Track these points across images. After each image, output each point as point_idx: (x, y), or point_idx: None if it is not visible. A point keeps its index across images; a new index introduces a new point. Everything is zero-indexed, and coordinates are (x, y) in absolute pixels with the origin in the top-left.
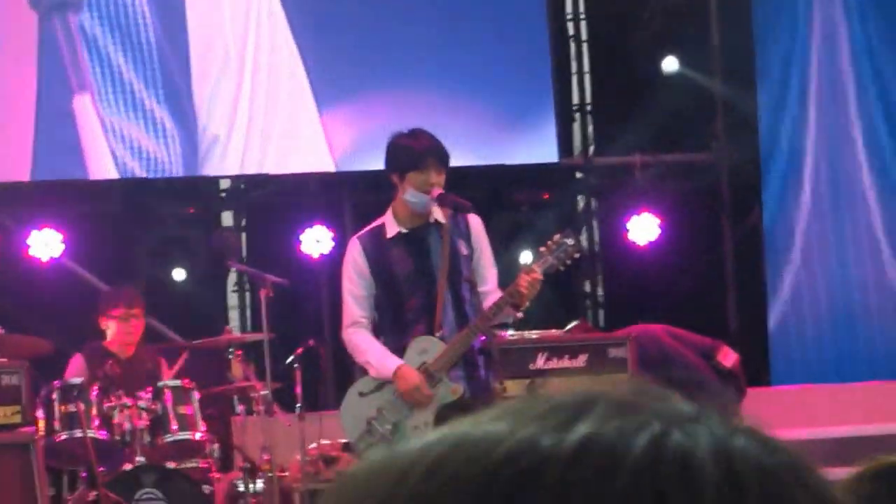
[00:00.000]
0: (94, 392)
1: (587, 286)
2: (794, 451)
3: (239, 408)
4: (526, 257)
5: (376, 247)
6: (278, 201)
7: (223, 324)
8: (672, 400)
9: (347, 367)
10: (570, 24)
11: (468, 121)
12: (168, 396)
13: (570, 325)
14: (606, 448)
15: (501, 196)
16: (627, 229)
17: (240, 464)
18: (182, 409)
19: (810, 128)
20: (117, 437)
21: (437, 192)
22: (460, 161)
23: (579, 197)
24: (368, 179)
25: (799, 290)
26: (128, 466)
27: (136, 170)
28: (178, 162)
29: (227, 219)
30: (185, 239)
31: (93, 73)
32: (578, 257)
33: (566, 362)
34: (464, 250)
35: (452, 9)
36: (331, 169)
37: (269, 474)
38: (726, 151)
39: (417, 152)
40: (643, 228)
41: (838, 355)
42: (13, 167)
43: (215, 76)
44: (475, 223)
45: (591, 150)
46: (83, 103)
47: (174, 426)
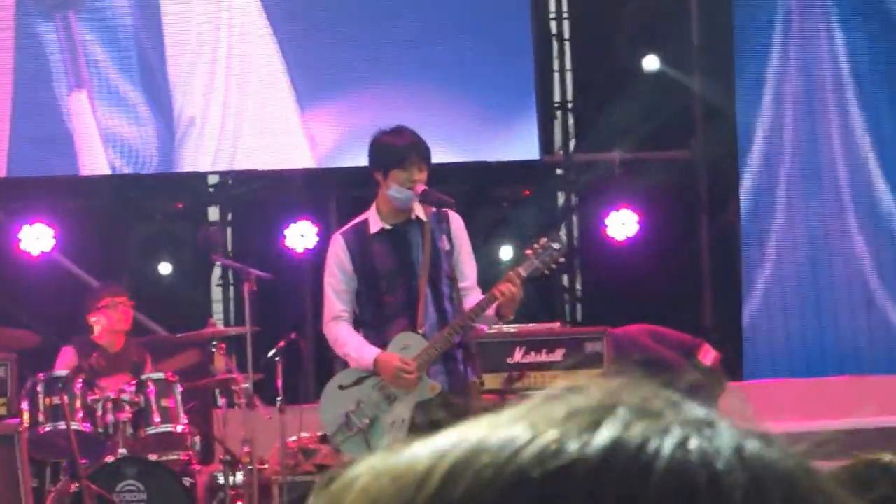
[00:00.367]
0: (79, 385)
1: (565, 281)
2: (803, 455)
3: (221, 400)
4: (507, 253)
5: (359, 242)
6: (264, 196)
7: (207, 317)
8: (685, 404)
9: (328, 360)
10: (552, 23)
11: (450, 118)
12: (151, 389)
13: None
14: (634, 452)
15: (483, 192)
16: (606, 225)
17: (220, 456)
18: (165, 402)
19: (787, 126)
20: (100, 430)
21: (421, 188)
22: (442, 158)
23: (559, 193)
24: (353, 175)
25: (773, 286)
26: (110, 458)
27: (124, 168)
28: (155, 155)
29: (213, 214)
30: (172, 234)
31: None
32: (563, 261)
33: (543, 356)
34: (445, 246)
35: (435, 6)
36: (311, 166)
37: (250, 466)
38: (704, 149)
39: (400, 149)
40: (622, 224)
41: (810, 350)
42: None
43: (190, 70)
44: (456, 221)
45: (572, 146)
46: (79, 100)
47: (157, 419)
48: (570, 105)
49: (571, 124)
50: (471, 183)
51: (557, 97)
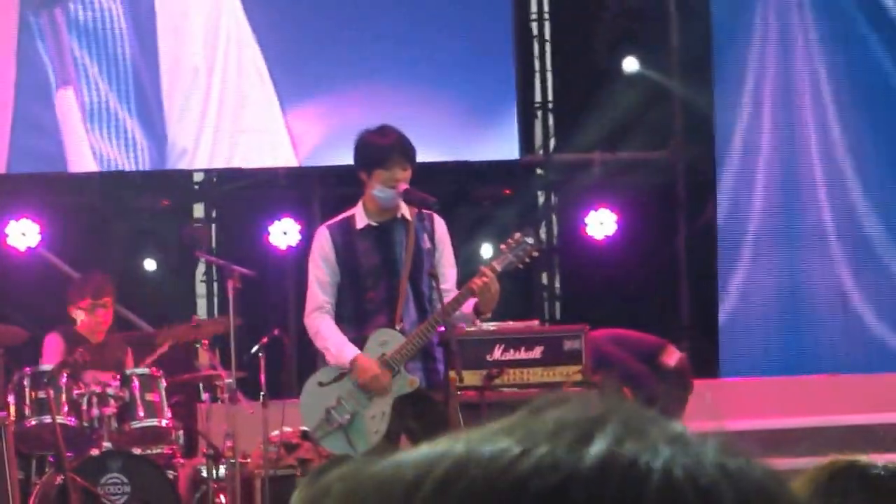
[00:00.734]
0: (64, 379)
1: (545, 279)
2: (777, 470)
3: (204, 395)
4: (487, 251)
5: (344, 237)
6: (248, 194)
7: (191, 313)
8: (664, 420)
9: (310, 356)
10: (533, 24)
11: (431, 117)
12: (136, 384)
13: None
14: (627, 468)
15: (463, 192)
16: (585, 224)
17: (204, 450)
18: (149, 397)
19: (764, 127)
20: (85, 424)
21: (404, 187)
22: (424, 157)
23: (539, 193)
24: (336, 174)
25: (749, 286)
26: (95, 452)
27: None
28: (146, 153)
29: (198, 211)
30: (157, 230)
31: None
32: (537, 256)
33: (522, 354)
34: (427, 244)
35: (417, 6)
36: (294, 165)
37: (232, 460)
38: (683, 150)
39: (382, 149)
40: (600, 223)
41: (786, 349)
42: None
43: (180, 74)
44: (439, 223)
45: (552, 146)
46: (65, 97)
47: (141, 413)
48: (551, 106)
49: (552, 125)
50: (451, 182)
51: (538, 98)
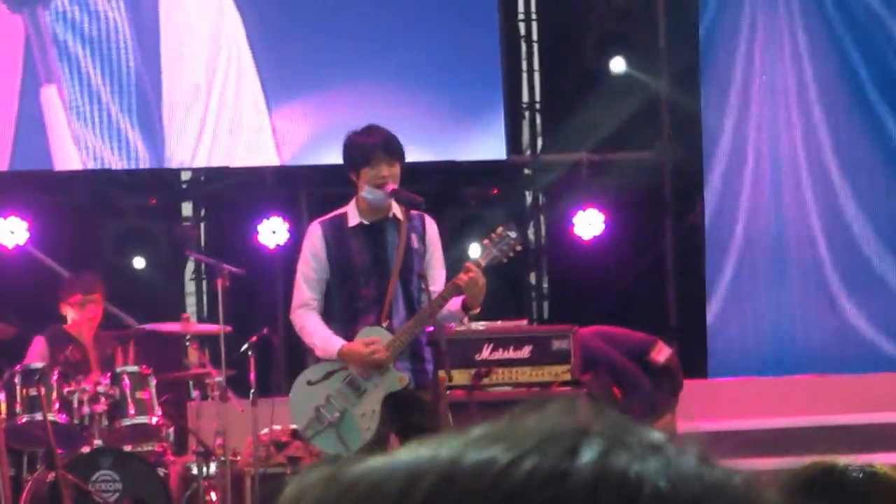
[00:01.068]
0: (55, 376)
1: (532, 279)
2: (754, 477)
3: (194, 393)
4: (475, 251)
5: (336, 234)
6: (236, 193)
7: (181, 311)
8: (642, 428)
9: (299, 355)
10: (521, 25)
11: (419, 117)
12: (126, 382)
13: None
14: (620, 479)
15: (451, 192)
16: (573, 224)
17: (194, 447)
18: (140, 395)
19: (751, 128)
20: (76, 421)
21: (391, 187)
22: (411, 157)
23: (527, 193)
24: (324, 173)
25: (737, 286)
26: (86, 449)
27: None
28: (142, 150)
29: (186, 209)
30: (146, 229)
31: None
32: (521, 249)
33: (511, 353)
34: (416, 244)
35: (404, 7)
36: (274, 161)
37: (223, 458)
38: (670, 150)
39: (367, 148)
40: (588, 224)
41: (773, 349)
42: None
43: (179, 73)
44: (430, 224)
45: (539, 147)
46: (49, 95)
47: (132, 411)
48: (538, 106)
49: (539, 125)
50: (439, 182)
51: (525, 98)
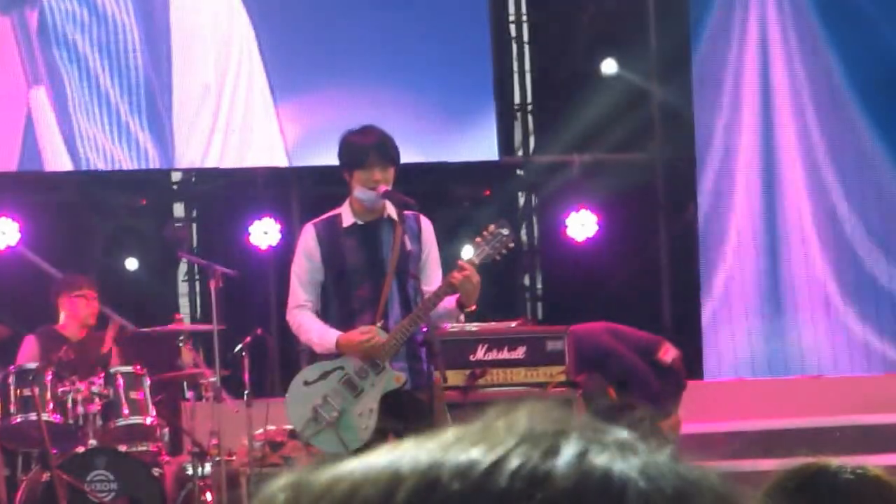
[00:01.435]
0: (49, 377)
1: (526, 280)
2: (728, 476)
3: (188, 394)
4: (468, 252)
5: (330, 235)
6: (227, 194)
7: (174, 312)
8: (614, 428)
9: (293, 355)
10: (511, 26)
11: (411, 118)
12: (120, 382)
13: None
14: (603, 479)
15: (443, 192)
16: (566, 225)
17: (189, 448)
18: (133, 395)
19: (744, 128)
20: (70, 421)
21: (384, 188)
22: (402, 157)
23: (519, 194)
24: (315, 174)
25: (731, 286)
26: (80, 449)
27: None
28: (151, 151)
29: (178, 210)
30: (137, 230)
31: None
32: (513, 247)
33: (505, 354)
34: (409, 246)
35: (394, 8)
36: (283, 163)
37: (218, 458)
38: (662, 151)
39: (361, 150)
40: (581, 225)
41: (768, 350)
42: None
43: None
44: (426, 225)
45: (532, 148)
46: (38, 97)
47: (126, 411)
48: (530, 107)
49: (531, 126)
50: (431, 183)
51: (517, 99)
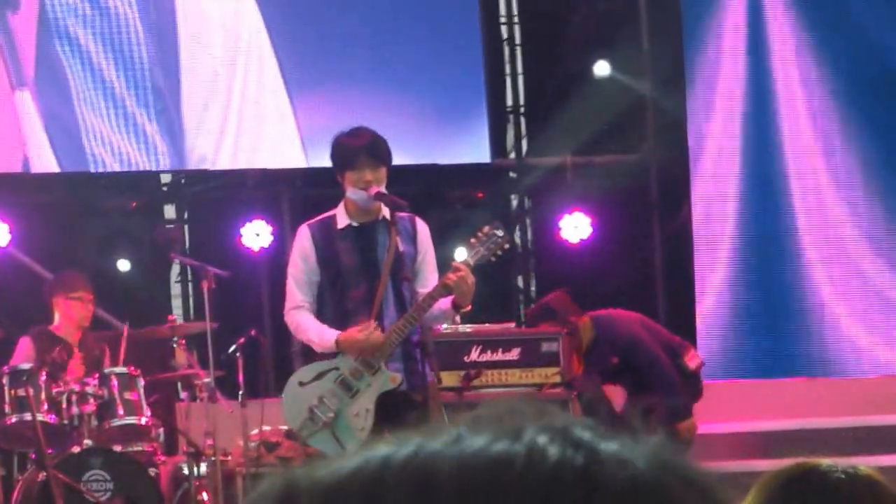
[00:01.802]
0: (43, 377)
1: (520, 282)
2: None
3: (183, 394)
4: (461, 255)
5: (325, 236)
6: (218, 196)
7: (167, 313)
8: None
9: (287, 356)
10: (503, 27)
11: (403, 120)
12: (114, 383)
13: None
14: (553, 466)
15: (435, 195)
16: (560, 227)
17: (184, 448)
18: (128, 395)
19: (738, 130)
20: (65, 421)
21: (375, 190)
22: (395, 160)
23: (512, 196)
24: (305, 175)
25: (725, 289)
26: (76, 449)
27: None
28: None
29: (169, 212)
30: (128, 231)
31: (84, 80)
32: (508, 248)
33: (500, 355)
34: (403, 247)
35: (385, 9)
36: (299, 157)
37: (213, 458)
38: (655, 153)
39: (351, 150)
40: (575, 227)
41: (762, 352)
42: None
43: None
44: (422, 227)
45: (524, 150)
46: (23, 99)
47: (120, 411)
48: (522, 109)
49: (524, 128)
50: (423, 185)
51: (509, 101)
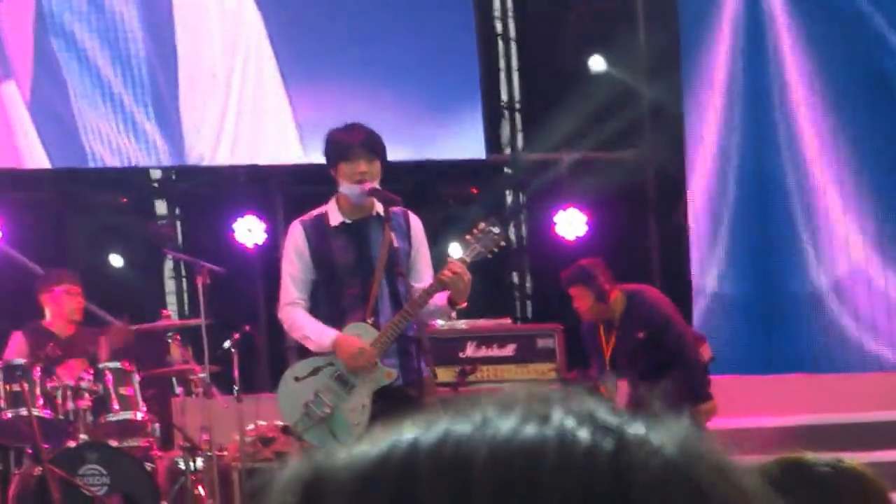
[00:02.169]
0: (37, 372)
1: (516, 279)
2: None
3: (178, 389)
4: (455, 251)
5: (319, 233)
6: (209, 192)
7: (161, 309)
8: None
9: (281, 352)
10: (498, 23)
11: (397, 116)
12: (109, 378)
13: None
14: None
15: (430, 190)
16: (555, 224)
17: (180, 443)
18: (123, 390)
19: (735, 127)
20: (61, 416)
21: (369, 185)
22: (390, 155)
23: (507, 192)
24: (296, 172)
25: (722, 286)
26: (72, 444)
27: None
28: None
29: (160, 208)
30: (120, 227)
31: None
32: (504, 245)
33: (495, 351)
34: (397, 243)
35: (379, 5)
36: (300, 158)
37: (209, 453)
38: (652, 150)
39: (345, 144)
40: (571, 224)
41: (759, 349)
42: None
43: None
44: (415, 222)
45: (520, 146)
46: (9, 91)
47: (116, 406)
48: (518, 105)
49: (519, 124)
50: (418, 181)
51: (504, 97)
